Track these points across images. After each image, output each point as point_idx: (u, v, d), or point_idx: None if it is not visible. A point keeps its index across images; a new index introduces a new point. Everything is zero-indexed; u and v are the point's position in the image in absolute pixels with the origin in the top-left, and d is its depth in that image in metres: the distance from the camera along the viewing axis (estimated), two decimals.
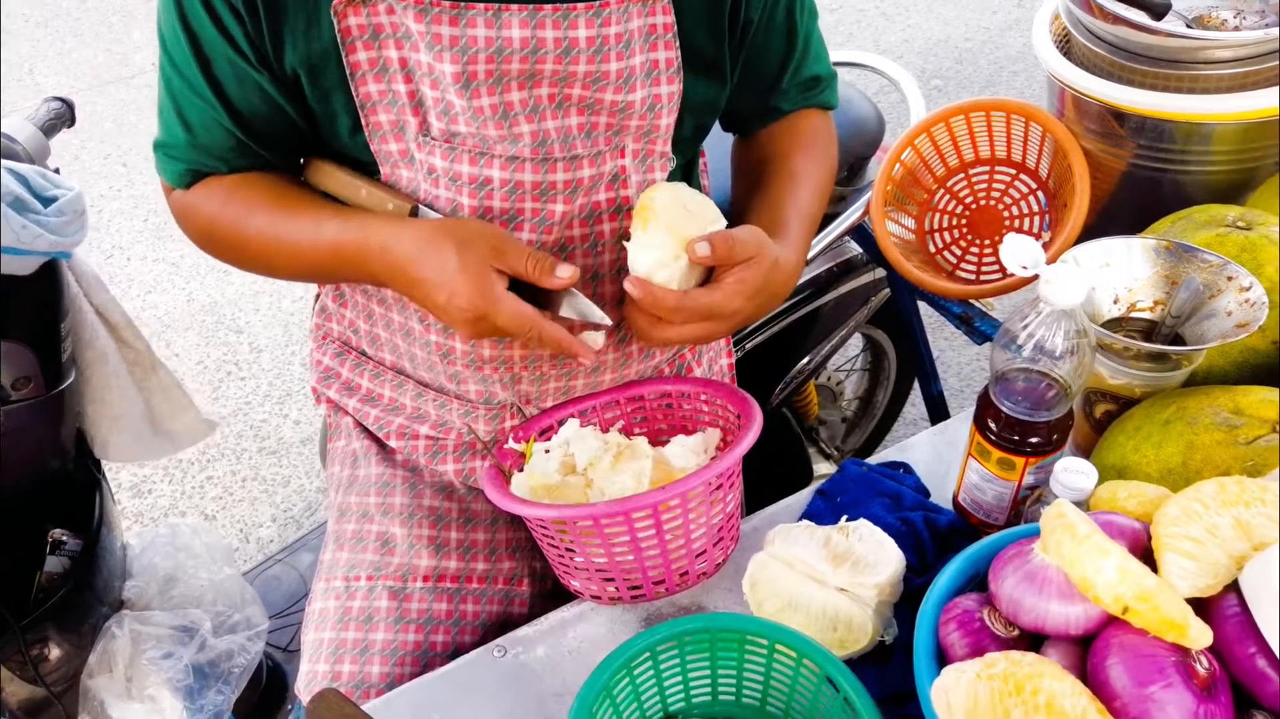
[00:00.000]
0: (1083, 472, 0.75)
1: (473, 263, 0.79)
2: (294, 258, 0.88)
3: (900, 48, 3.35)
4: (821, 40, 1.03)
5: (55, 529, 1.23)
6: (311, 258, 0.87)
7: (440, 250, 0.80)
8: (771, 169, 1.00)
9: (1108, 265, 0.94)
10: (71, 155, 3.10)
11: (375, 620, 0.96)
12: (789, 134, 1.03)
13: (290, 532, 2.07)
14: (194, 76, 0.83)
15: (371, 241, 0.83)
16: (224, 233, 0.90)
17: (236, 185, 0.89)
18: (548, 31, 0.80)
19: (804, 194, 0.98)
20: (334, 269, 0.88)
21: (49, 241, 1.02)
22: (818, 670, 0.74)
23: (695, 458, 0.92)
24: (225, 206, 0.89)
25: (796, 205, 0.96)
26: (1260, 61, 1.06)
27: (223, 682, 1.31)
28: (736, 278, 0.84)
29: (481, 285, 0.79)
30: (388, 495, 1.02)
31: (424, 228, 0.82)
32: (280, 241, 0.88)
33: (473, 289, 0.79)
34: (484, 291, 0.79)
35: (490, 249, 0.80)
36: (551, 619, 0.90)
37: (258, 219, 0.88)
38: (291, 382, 2.40)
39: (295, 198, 0.89)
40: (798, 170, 0.99)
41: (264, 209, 0.88)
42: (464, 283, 0.79)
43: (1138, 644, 0.61)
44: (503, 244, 0.81)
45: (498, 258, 0.80)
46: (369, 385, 1.06)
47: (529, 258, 0.81)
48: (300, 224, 0.87)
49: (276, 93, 0.83)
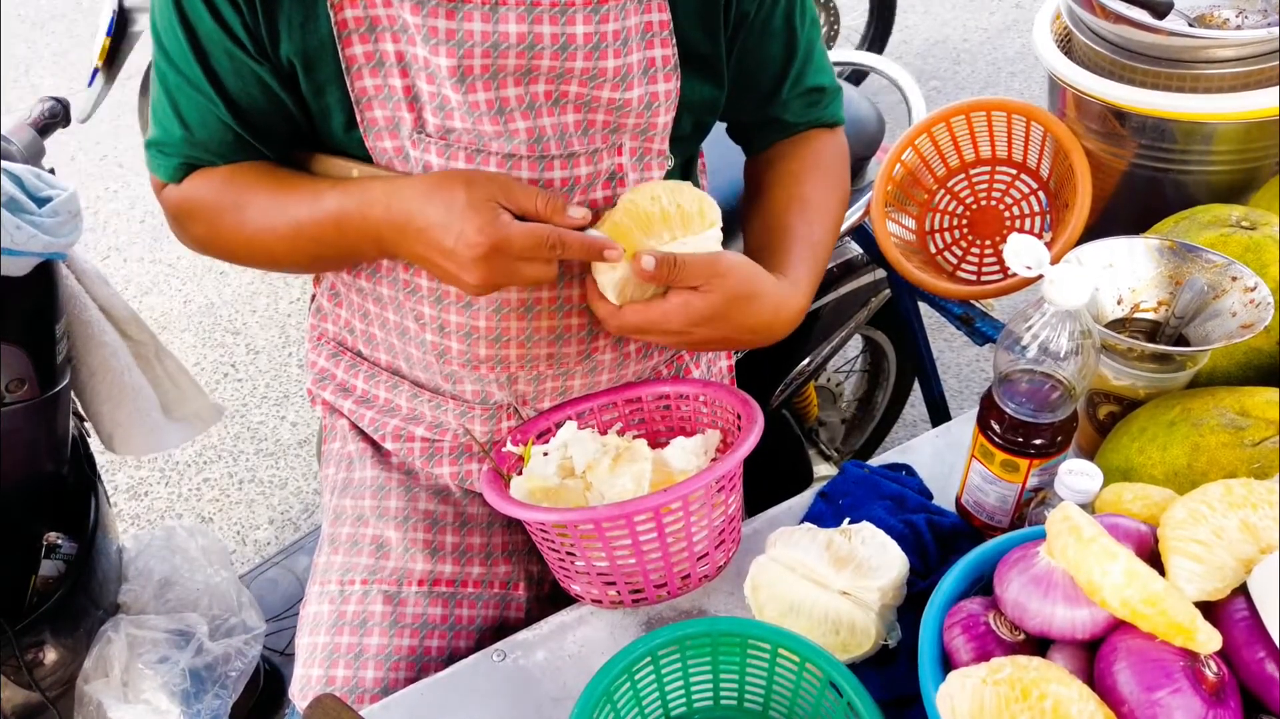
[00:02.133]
0: (1088, 474, 0.75)
1: (481, 198, 0.78)
2: (295, 236, 0.87)
3: (898, 49, 3.34)
4: (824, 52, 1.02)
5: (50, 532, 1.22)
6: (314, 233, 0.86)
7: (447, 189, 0.79)
8: (781, 194, 0.98)
9: (1111, 266, 0.94)
10: (68, 156, 3.10)
11: (370, 625, 0.95)
12: (799, 155, 1.01)
13: (287, 534, 2.06)
14: (191, 71, 0.82)
15: (374, 199, 0.82)
16: (221, 220, 0.89)
17: (231, 172, 0.88)
18: (545, 27, 0.80)
19: (816, 223, 0.96)
20: (337, 242, 0.86)
21: (43, 242, 1.02)
22: (821, 675, 0.73)
23: (695, 460, 0.92)
24: (222, 192, 0.88)
25: (807, 236, 0.95)
26: (1262, 61, 1.05)
27: (220, 686, 1.30)
28: (682, 300, 0.83)
29: (491, 215, 0.78)
30: (383, 499, 1.02)
31: (427, 176, 0.82)
32: (280, 221, 0.86)
33: (483, 219, 0.78)
34: (494, 219, 0.78)
35: (499, 187, 0.80)
36: (551, 623, 0.90)
37: (257, 201, 0.87)
38: (289, 383, 2.39)
39: (292, 177, 0.88)
40: (809, 196, 0.98)
41: (262, 190, 0.87)
42: (473, 216, 0.78)
43: (1145, 649, 0.60)
44: (510, 183, 0.81)
45: (506, 195, 0.80)
46: (364, 387, 1.06)
47: (539, 195, 0.80)
48: (299, 198, 0.86)
49: (275, 84, 0.83)
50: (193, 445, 2.25)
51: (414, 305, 0.94)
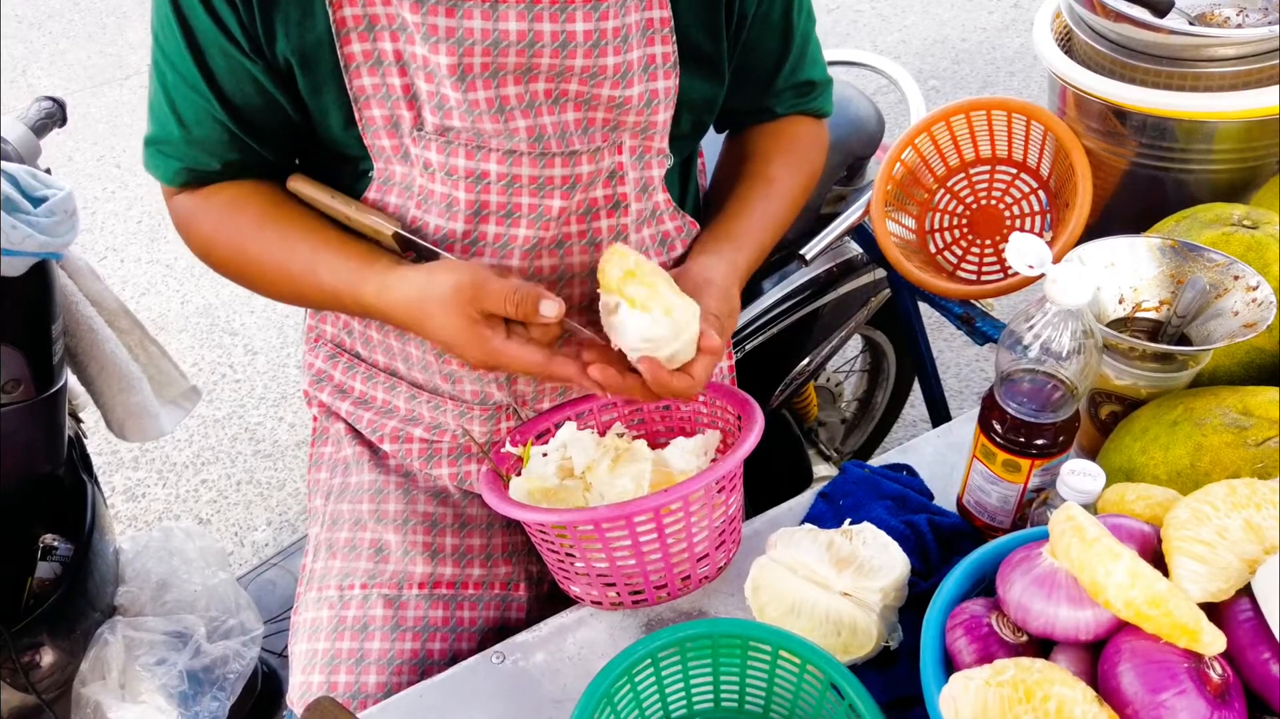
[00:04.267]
0: (1090, 474, 0.75)
1: (462, 324, 0.79)
2: (296, 294, 0.90)
3: (897, 48, 3.34)
4: (819, 45, 1.03)
5: (47, 534, 1.22)
6: (312, 297, 0.89)
7: (429, 318, 0.80)
8: (749, 169, 1.01)
9: (1112, 265, 0.93)
10: (65, 157, 3.09)
11: (371, 629, 0.94)
12: (775, 136, 1.03)
13: (285, 535, 2.06)
14: (187, 69, 0.82)
15: (367, 304, 0.85)
16: (221, 254, 0.91)
17: (230, 205, 0.89)
18: (545, 24, 0.79)
19: (775, 201, 1.00)
20: (335, 308, 0.90)
21: (39, 242, 1.01)
22: (822, 676, 0.73)
23: (695, 460, 0.91)
24: (220, 228, 0.89)
25: (764, 213, 0.98)
26: (1263, 59, 1.05)
27: (218, 688, 1.29)
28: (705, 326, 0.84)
29: (479, 342, 0.79)
30: (381, 502, 1.01)
31: (408, 292, 0.81)
32: (278, 276, 0.89)
33: (473, 349, 0.80)
34: (483, 348, 0.80)
35: (469, 300, 0.78)
36: (551, 625, 0.89)
37: (254, 245, 0.89)
38: (286, 384, 2.39)
39: (290, 229, 0.88)
40: (774, 175, 1.00)
41: (261, 236, 0.88)
42: (462, 344, 0.80)
43: (1149, 650, 0.60)
44: (480, 291, 0.78)
45: (477, 305, 0.79)
46: (362, 388, 1.05)
47: (509, 299, 0.78)
48: (297, 264, 0.87)
49: (270, 83, 0.82)
50: (190, 446, 2.25)
51: None
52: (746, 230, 0.96)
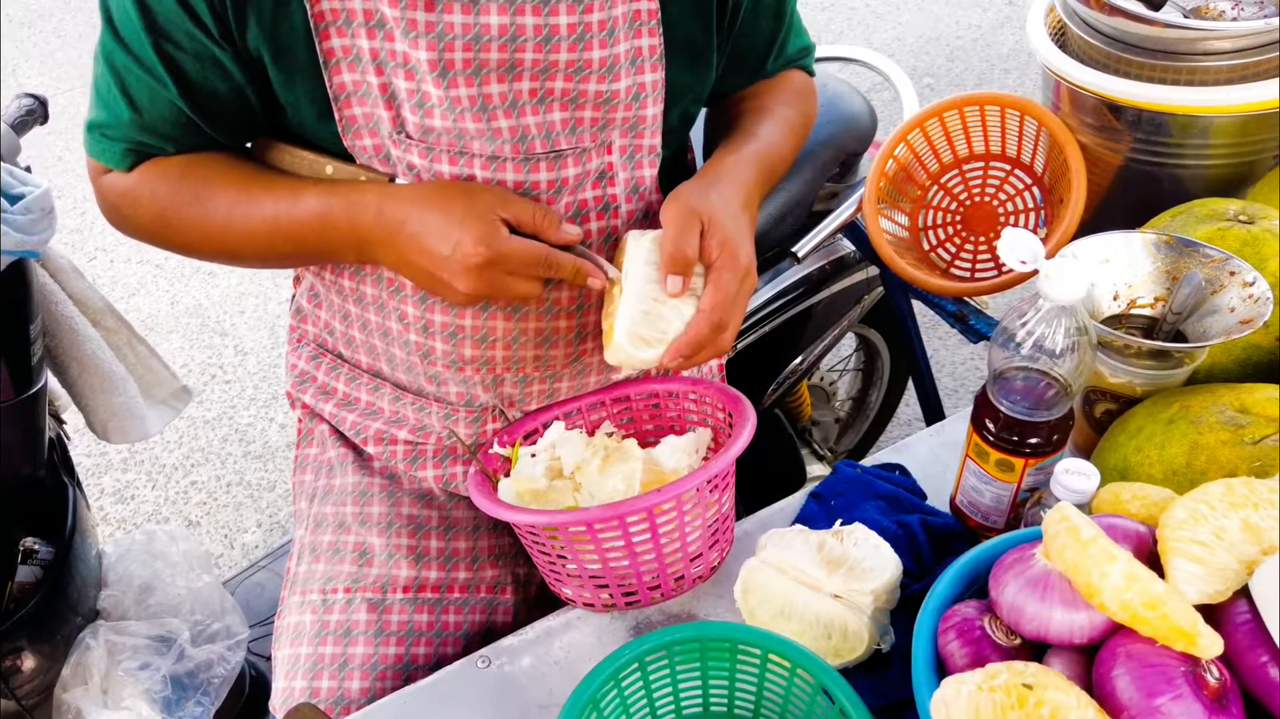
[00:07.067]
0: (1084, 473, 0.73)
1: (480, 208, 0.79)
2: (269, 234, 0.85)
3: (891, 45, 3.33)
4: (798, 13, 1.03)
5: (27, 537, 1.20)
6: (291, 232, 0.84)
7: (446, 197, 0.80)
8: (744, 108, 1.01)
9: (1107, 261, 0.92)
10: (55, 157, 3.07)
11: (354, 634, 0.93)
12: (766, 85, 1.03)
13: (275, 537, 2.04)
14: (143, 51, 0.79)
15: (365, 202, 0.82)
16: (178, 212, 0.86)
17: (190, 163, 0.86)
18: (527, 18, 0.78)
19: (778, 125, 0.98)
20: (314, 242, 0.85)
21: (15, 240, 1.00)
22: (812, 680, 0.72)
23: (686, 458, 0.90)
24: (180, 184, 0.85)
25: (767, 137, 0.96)
26: (1259, 53, 1.04)
27: (202, 693, 1.28)
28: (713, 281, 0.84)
29: (491, 227, 0.79)
30: (365, 504, 0.99)
31: (425, 184, 0.82)
32: (251, 217, 0.84)
33: (482, 230, 0.78)
34: (494, 231, 0.79)
35: (496, 198, 0.80)
36: (537, 628, 0.88)
37: (223, 194, 0.85)
38: (277, 385, 2.37)
39: (262, 172, 0.86)
40: (769, 106, 1.00)
41: (229, 184, 0.85)
42: (473, 225, 0.78)
43: (1145, 653, 0.59)
44: (507, 194, 0.82)
45: (503, 206, 0.80)
46: (345, 389, 1.03)
47: (535, 209, 0.81)
48: (275, 196, 0.84)
49: (237, 70, 0.80)
50: (180, 448, 2.23)
51: (397, 305, 0.92)
52: (751, 150, 0.94)
